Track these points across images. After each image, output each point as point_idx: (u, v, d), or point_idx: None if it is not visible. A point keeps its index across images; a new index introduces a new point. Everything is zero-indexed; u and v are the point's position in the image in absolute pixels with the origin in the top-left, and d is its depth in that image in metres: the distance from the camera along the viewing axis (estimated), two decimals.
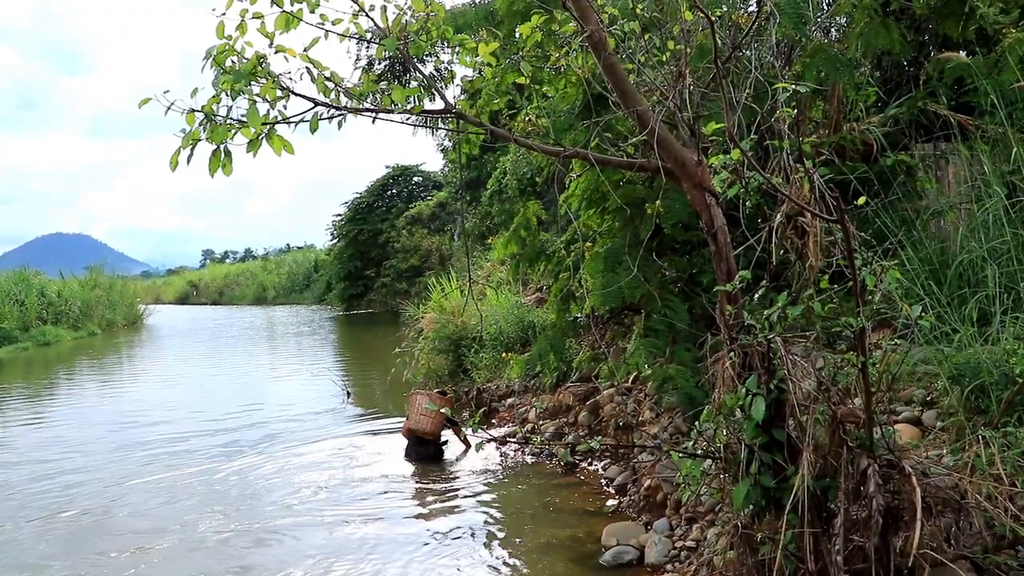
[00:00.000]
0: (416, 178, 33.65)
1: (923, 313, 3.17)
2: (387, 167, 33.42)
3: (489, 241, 13.66)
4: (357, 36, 3.52)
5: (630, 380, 7.41)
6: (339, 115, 3.52)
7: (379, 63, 14.45)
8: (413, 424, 7.65)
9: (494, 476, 7.08)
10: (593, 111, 4.93)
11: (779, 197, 3.24)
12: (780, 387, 3.23)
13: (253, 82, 3.27)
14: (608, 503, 6.03)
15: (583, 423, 7.68)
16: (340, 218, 33.64)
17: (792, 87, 3.20)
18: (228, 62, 3.27)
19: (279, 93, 3.34)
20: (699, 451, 3.79)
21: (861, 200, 3.45)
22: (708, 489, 4.06)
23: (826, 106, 5.77)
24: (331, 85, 3.46)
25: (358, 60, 17.71)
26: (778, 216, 3.36)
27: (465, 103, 4.46)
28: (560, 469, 7.04)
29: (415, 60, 3.63)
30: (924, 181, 5.23)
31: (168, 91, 3.19)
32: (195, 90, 3.23)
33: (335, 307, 34.24)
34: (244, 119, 3.27)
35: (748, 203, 3.33)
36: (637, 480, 6.06)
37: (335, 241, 34.46)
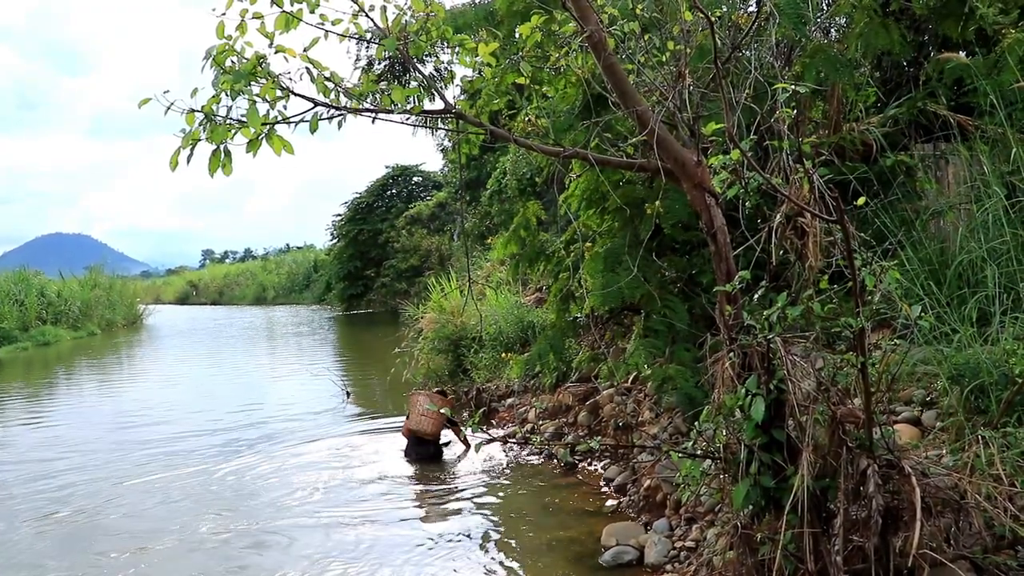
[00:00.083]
0: (416, 178, 33.66)
1: (923, 313, 3.17)
2: (387, 167, 33.47)
3: (489, 241, 13.66)
4: (357, 36, 3.53)
5: (630, 380, 7.41)
6: (339, 115, 3.52)
7: (379, 63, 14.46)
8: (414, 425, 7.64)
9: (493, 476, 7.08)
10: (593, 111, 4.93)
11: (779, 197, 3.24)
12: (780, 387, 3.23)
13: (253, 82, 3.27)
14: (608, 503, 6.03)
15: (583, 423, 7.68)
16: (340, 218, 33.64)
17: (792, 87, 3.21)
18: (228, 62, 3.27)
19: (279, 93, 3.34)
20: (699, 451, 3.79)
21: (861, 200, 3.45)
22: (708, 489, 4.06)
23: (826, 106, 5.77)
24: (331, 85, 3.46)
25: (358, 60, 17.75)
26: (778, 216, 3.37)
27: (465, 103, 4.46)
28: (560, 469, 7.04)
29: (415, 60, 3.63)
30: (924, 181, 5.23)
31: (168, 91, 3.20)
32: (195, 90, 3.23)
33: (335, 307, 34.22)
34: (244, 119, 3.28)
35: (748, 203, 3.34)
36: (637, 480, 6.06)
37: (335, 241, 34.45)
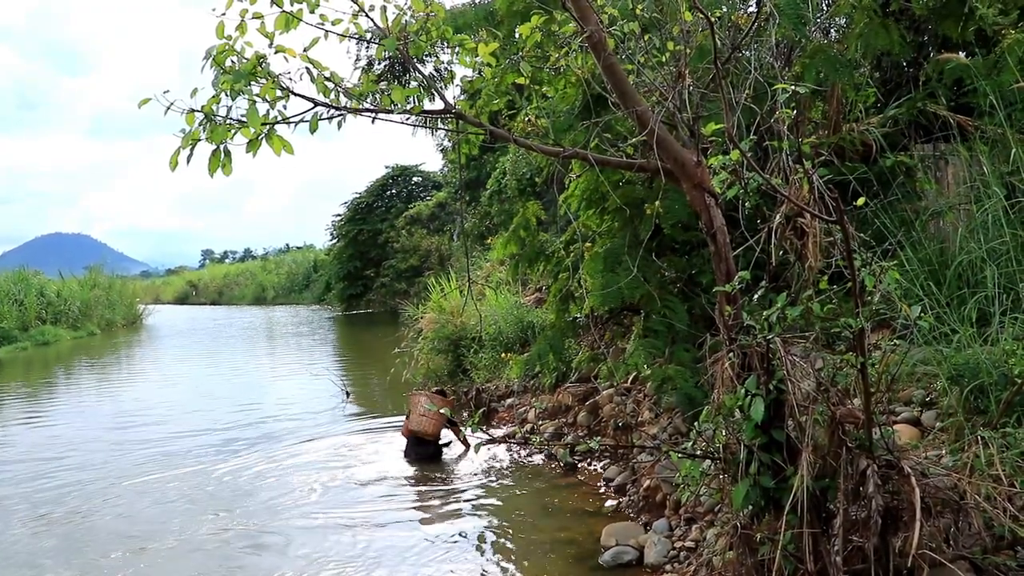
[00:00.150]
0: (415, 178, 33.67)
1: (922, 314, 3.17)
2: (387, 167, 33.49)
3: (488, 241, 13.65)
4: (357, 36, 3.52)
5: (629, 380, 7.40)
6: (339, 115, 3.52)
7: (379, 63, 14.45)
8: (414, 425, 7.64)
9: (493, 476, 7.08)
10: (593, 111, 4.93)
11: (778, 198, 3.24)
12: (779, 388, 3.23)
13: (253, 82, 3.27)
14: (607, 503, 6.03)
15: (582, 423, 7.68)
16: (340, 218, 33.64)
17: (791, 88, 3.21)
18: (228, 62, 3.27)
19: (279, 93, 3.34)
20: (698, 451, 3.79)
21: (860, 201, 3.46)
22: (707, 489, 4.06)
23: (825, 107, 5.77)
24: (331, 85, 3.46)
25: (358, 60, 17.75)
26: (777, 217, 3.37)
27: (465, 103, 4.46)
28: (559, 470, 7.04)
29: (415, 60, 3.63)
30: (923, 182, 5.23)
31: (168, 91, 3.20)
32: (195, 90, 3.23)
33: (334, 307, 34.22)
34: (244, 119, 3.28)
35: (747, 204, 3.34)
36: (636, 480, 6.06)
37: (334, 241, 34.44)
